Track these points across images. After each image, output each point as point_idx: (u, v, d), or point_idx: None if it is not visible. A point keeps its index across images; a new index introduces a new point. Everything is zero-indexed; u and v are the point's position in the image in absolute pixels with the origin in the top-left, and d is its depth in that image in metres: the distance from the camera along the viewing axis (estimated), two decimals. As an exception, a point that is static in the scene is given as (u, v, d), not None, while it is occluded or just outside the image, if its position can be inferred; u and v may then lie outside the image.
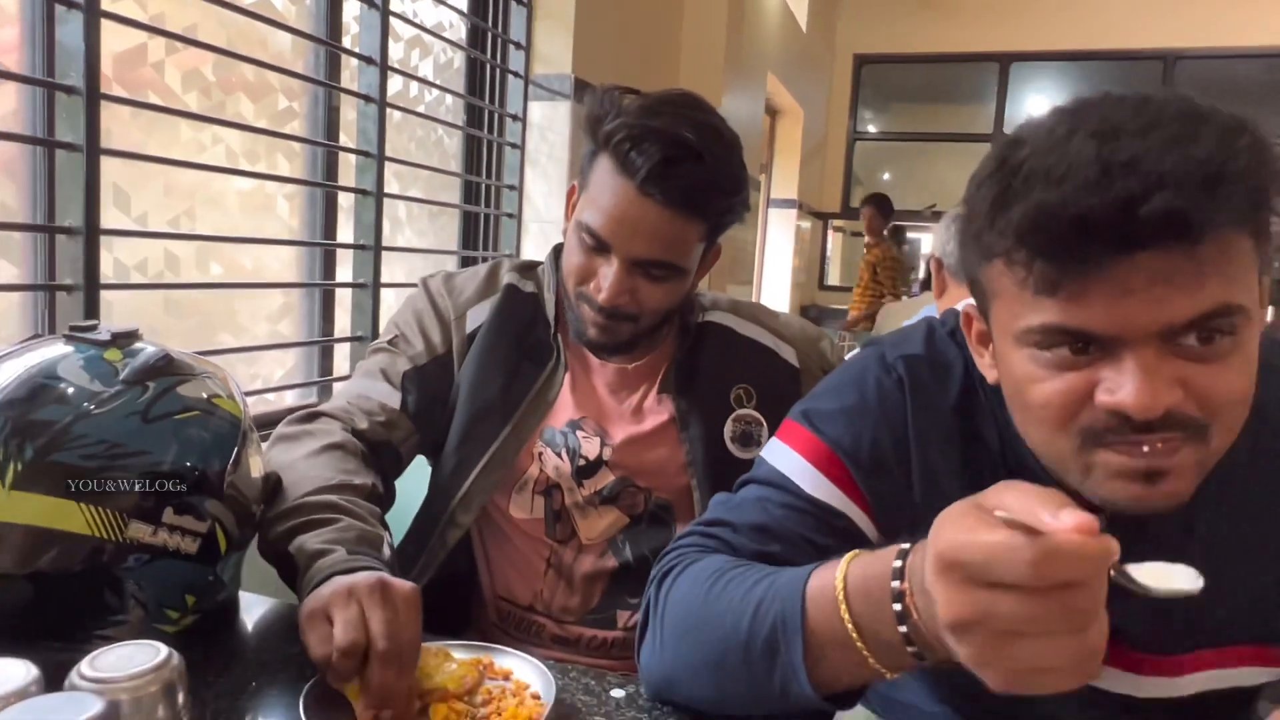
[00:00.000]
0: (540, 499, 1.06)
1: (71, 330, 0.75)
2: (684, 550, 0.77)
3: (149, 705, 0.48)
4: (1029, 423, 0.66)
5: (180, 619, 0.75)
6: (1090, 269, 0.56)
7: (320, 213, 1.79)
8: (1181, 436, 0.59)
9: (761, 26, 4.17)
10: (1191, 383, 0.57)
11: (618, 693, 0.75)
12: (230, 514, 0.77)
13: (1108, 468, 0.60)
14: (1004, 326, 0.64)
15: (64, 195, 1.20)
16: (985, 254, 0.63)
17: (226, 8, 1.44)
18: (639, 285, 0.96)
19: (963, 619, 0.47)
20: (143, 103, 1.34)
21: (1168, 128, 0.54)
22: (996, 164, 0.61)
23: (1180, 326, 0.56)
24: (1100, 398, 0.58)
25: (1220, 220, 0.54)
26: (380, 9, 1.81)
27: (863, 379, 0.79)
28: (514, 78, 2.45)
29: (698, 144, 0.91)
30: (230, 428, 0.78)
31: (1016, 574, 0.44)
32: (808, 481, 0.76)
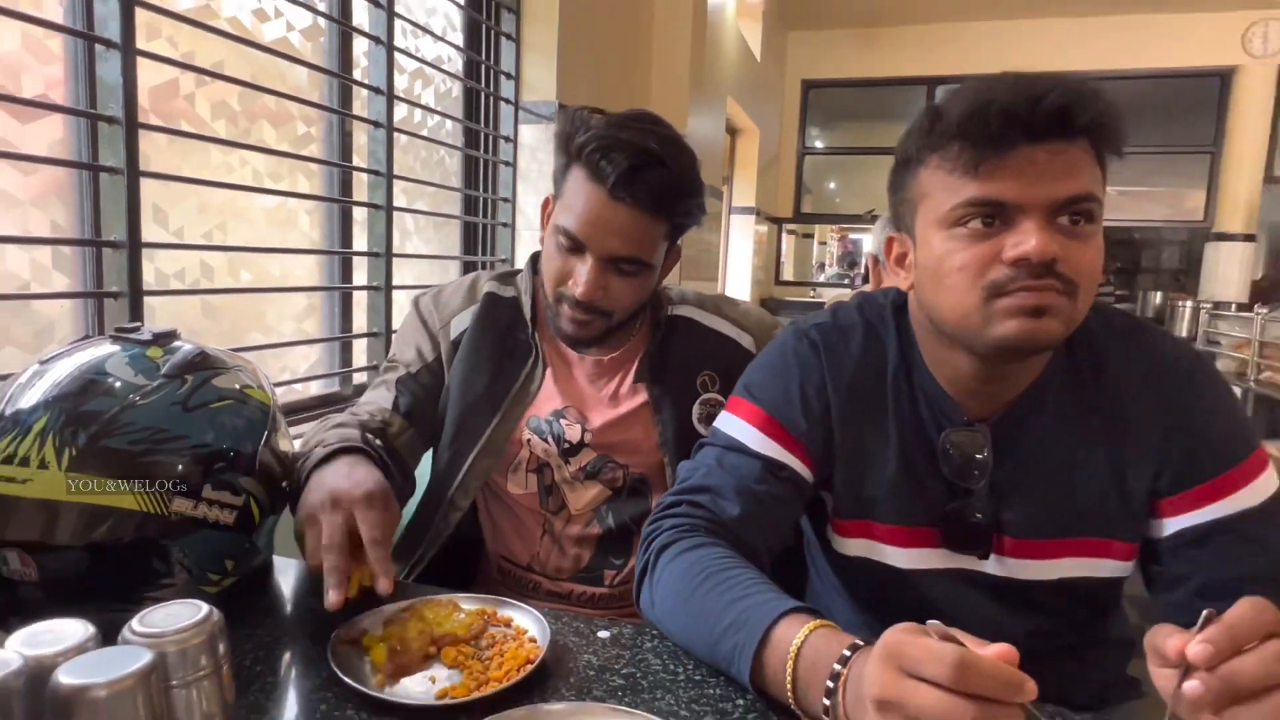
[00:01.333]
0: (533, 476, 1.06)
1: (117, 331, 0.75)
2: (678, 521, 0.80)
3: (193, 655, 0.48)
4: (945, 293, 0.73)
5: (220, 581, 0.75)
6: (1004, 152, 0.67)
7: (337, 225, 1.78)
8: (1060, 286, 0.68)
9: (721, 56, 4.15)
10: (1065, 250, 0.67)
11: (604, 634, 0.76)
12: (262, 489, 0.77)
13: (1006, 309, 0.69)
14: (930, 217, 0.73)
15: (108, 213, 1.19)
16: (918, 164, 0.73)
17: (250, 45, 1.42)
18: (611, 281, 0.96)
19: (887, 698, 0.49)
20: (177, 130, 1.33)
21: (1055, 77, 0.66)
22: (927, 115, 0.72)
23: (1062, 202, 0.67)
24: (1007, 253, 0.67)
25: (1088, 123, 0.66)
26: (386, 45, 1.79)
27: (785, 350, 0.87)
28: (505, 104, 2.44)
29: (661, 153, 0.92)
30: (260, 414, 0.78)
31: (937, 672, 0.47)
32: (755, 442, 0.83)
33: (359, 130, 1.80)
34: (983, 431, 0.78)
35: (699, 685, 0.67)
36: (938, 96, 5.02)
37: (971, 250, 0.69)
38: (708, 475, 0.82)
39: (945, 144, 0.69)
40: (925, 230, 0.74)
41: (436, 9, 2.16)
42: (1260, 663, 0.48)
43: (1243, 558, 0.74)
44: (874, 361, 0.84)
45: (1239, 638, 0.49)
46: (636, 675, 0.69)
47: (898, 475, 0.81)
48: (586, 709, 0.61)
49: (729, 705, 0.64)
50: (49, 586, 0.65)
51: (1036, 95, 0.64)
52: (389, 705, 0.62)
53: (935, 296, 0.74)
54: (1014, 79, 0.67)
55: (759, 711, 0.64)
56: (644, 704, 0.64)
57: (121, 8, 1.14)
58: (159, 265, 1.36)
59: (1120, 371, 0.78)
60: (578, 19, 2.56)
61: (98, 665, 0.43)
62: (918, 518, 0.82)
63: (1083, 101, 0.65)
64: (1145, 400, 0.77)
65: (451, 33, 2.24)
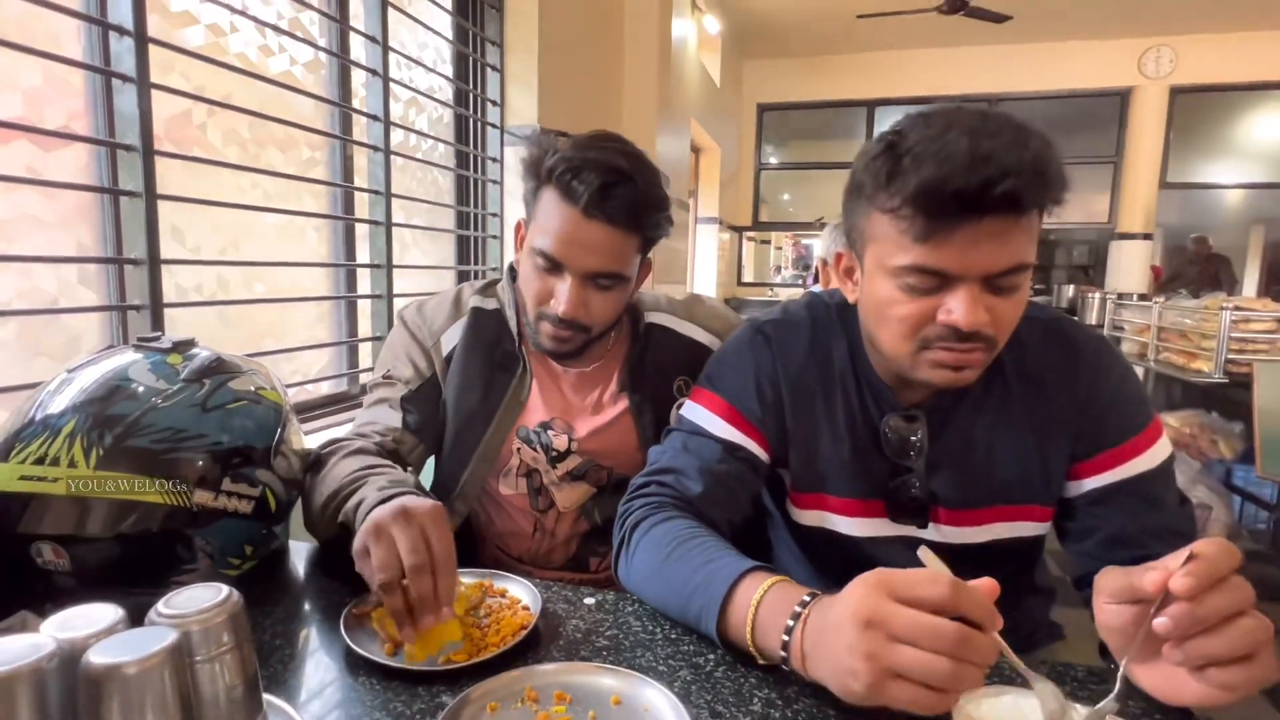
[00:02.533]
0: (523, 480, 1.02)
1: (139, 341, 0.73)
2: (648, 499, 0.80)
3: (215, 633, 0.47)
4: (884, 331, 0.73)
5: (241, 565, 0.74)
6: (951, 226, 0.63)
7: (342, 239, 1.75)
8: (982, 347, 0.68)
9: (685, 83, 4.15)
10: (993, 311, 0.67)
11: (589, 600, 0.76)
12: (278, 480, 0.76)
13: (932, 361, 0.70)
14: (878, 262, 0.71)
15: (129, 233, 1.16)
16: (872, 208, 0.69)
17: (256, 78, 1.39)
18: (591, 297, 0.91)
19: (874, 618, 0.49)
20: (191, 156, 1.30)
21: (1009, 134, 0.62)
22: (886, 148, 0.67)
23: (997, 273, 0.65)
24: (941, 317, 0.67)
25: (1034, 202, 0.63)
26: (382, 77, 1.76)
27: (741, 345, 0.88)
28: (492, 128, 2.42)
29: (629, 170, 0.87)
30: (274, 413, 0.77)
31: (931, 590, 0.48)
32: (716, 428, 0.83)
33: (359, 153, 1.77)
34: (919, 417, 0.79)
35: (675, 643, 0.67)
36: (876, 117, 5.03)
37: (911, 305, 0.68)
38: (674, 458, 0.82)
39: (898, 206, 0.65)
40: (872, 268, 0.72)
41: (428, 43, 2.13)
42: (1225, 595, 0.48)
43: (1141, 513, 0.76)
44: (821, 354, 0.84)
45: (1216, 572, 0.48)
46: (619, 636, 0.69)
47: (846, 455, 0.82)
48: (575, 667, 0.61)
49: (701, 659, 0.65)
50: (81, 575, 0.64)
51: (990, 179, 0.60)
52: (397, 671, 0.61)
53: (876, 329, 0.75)
54: (969, 154, 0.60)
55: (728, 664, 0.64)
56: (626, 661, 0.64)
57: (136, 45, 1.11)
58: (178, 279, 1.33)
59: (1039, 358, 0.79)
60: (555, 51, 2.54)
61: (127, 645, 0.41)
62: (865, 492, 0.83)
63: (1032, 187, 0.61)
64: (1061, 380, 0.79)
65: (442, 64, 2.21)
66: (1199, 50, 5.56)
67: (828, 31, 5.68)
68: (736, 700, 0.59)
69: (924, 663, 0.46)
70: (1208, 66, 5.57)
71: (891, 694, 0.47)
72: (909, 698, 0.47)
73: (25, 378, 0.99)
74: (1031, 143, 0.62)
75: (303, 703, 0.58)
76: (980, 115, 0.64)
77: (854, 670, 0.49)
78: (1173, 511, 0.76)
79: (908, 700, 0.47)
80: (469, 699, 0.56)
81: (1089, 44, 5.74)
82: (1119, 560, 0.75)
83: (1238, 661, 0.48)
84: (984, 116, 0.64)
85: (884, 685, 0.47)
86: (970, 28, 4.83)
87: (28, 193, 1.09)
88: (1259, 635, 0.48)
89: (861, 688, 0.48)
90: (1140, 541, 0.74)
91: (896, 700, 0.47)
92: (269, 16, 1.50)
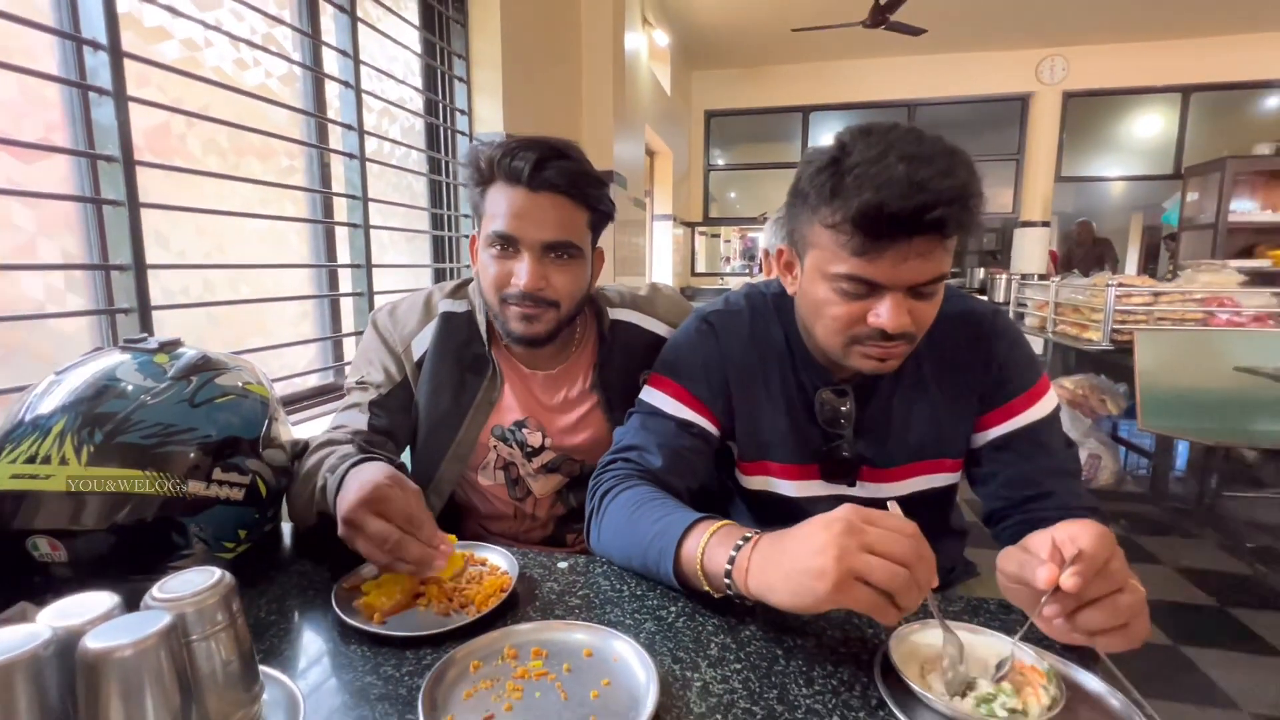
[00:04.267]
0: (501, 472, 0.99)
1: (126, 342, 0.70)
2: (615, 473, 0.80)
3: (209, 613, 0.46)
4: (820, 325, 0.74)
5: (235, 548, 0.71)
6: (885, 244, 0.65)
7: (322, 241, 1.69)
8: (904, 342, 0.71)
9: (638, 91, 4.10)
10: (914, 313, 0.69)
11: (562, 564, 0.76)
12: (267, 468, 0.73)
13: (861, 354, 0.72)
14: (817, 266, 0.72)
15: (114, 240, 1.10)
16: (815, 220, 0.70)
17: (231, 90, 1.32)
18: (550, 271, 0.86)
19: (846, 528, 0.51)
20: (171, 166, 1.23)
21: (940, 161, 0.63)
22: (830, 161, 0.67)
23: (922, 284, 0.67)
24: (871, 320, 0.69)
25: (958, 228, 0.64)
26: (354, 88, 1.70)
27: (689, 334, 0.89)
28: (461, 135, 2.35)
29: (563, 147, 0.85)
30: (260, 405, 0.74)
31: (900, 524, 0.51)
32: (671, 408, 0.85)
33: (336, 160, 1.71)
34: (847, 391, 0.81)
35: (640, 599, 0.68)
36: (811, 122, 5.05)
37: (844, 308, 0.70)
38: (635, 436, 0.83)
39: (839, 222, 0.66)
40: (811, 270, 0.73)
41: (397, 56, 2.06)
42: (1104, 582, 0.51)
43: (1036, 455, 0.80)
44: (760, 339, 0.85)
45: (1097, 565, 0.51)
46: (590, 595, 0.69)
47: (785, 426, 0.84)
48: (549, 625, 0.60)
49: (664, 612, 0.65)
50: (78, 565, 0.61)
51: (923, 206, 0.61)
52: (385, 638, 0.60)
53: (812, 323, 0.76)
54: (906, 180, 0.61)
55: (688, 614, 0.65)
56: (597, 618, 0.64)
57: (111, 60, 1.04)
58: (165, 283, 1.27)
59: (947, 332, 0.81)
60: (518, 63, 2.49)
61: (122, 629, 0.40)
62: (802, 457, 0.84)
63: (958, 215, 0.63)
64: (966, 347, 0.82)
65: (412, 77, 2.14)
66: (1088, 59, 5.72)
67: (766, 44, 5.68)
68: (696, 646, 0.59)
69: (888, 570, 0.49)
70: (1095, 73, 5.74)
71: (853, 594, 0.49)
72: (867, 601, 0.49)
73: (12, 382, 0.93)
74: (959, 171, 0.63)
75: (300, 672, 0.56)
76: (916, 138, 0.65)
77: (822, 569, 0.50)
78: (1061, 454, 0.80)
79: (867, 603, 0.49)
80: (453, 659, 0.55)
81: (993, 54, 5.85)
82: (1020, 497, 0.79)
83: (1117, 629, 0.52)
84: (919, 140, 0.64)
85: (848, 585, 0.49)
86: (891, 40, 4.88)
87: (8, 202, 1.02)
88: (1134, 608, 0.52)
89: (826, 586, 0.49)
90: (1035, 480, 0.78)
91: (857, 601, 0.49)
92: (243, 31, 1.42)
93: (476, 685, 0.53)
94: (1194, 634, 1.94)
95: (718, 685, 0.54)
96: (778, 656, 0.58)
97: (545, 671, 0.55)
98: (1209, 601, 2.14)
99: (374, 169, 1.85)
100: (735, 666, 0.57)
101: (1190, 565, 2.40)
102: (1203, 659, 1.81)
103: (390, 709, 0.51)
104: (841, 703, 0.52)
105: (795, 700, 0.52)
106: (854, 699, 0.53)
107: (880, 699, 0.52)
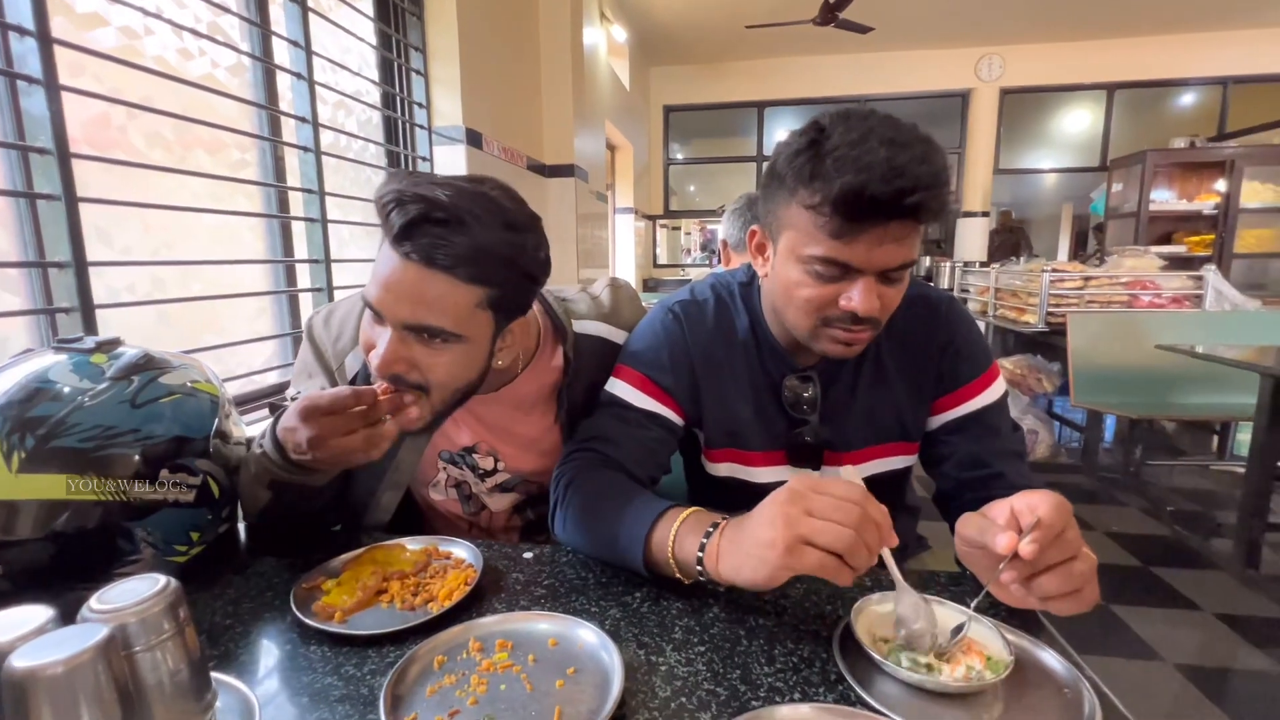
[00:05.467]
0: (453, 489, 0.91)
1: (59, 342, 0.64)
2: (579, 462, 0.78)
3: (154, 622, 0.42)
4: (790, 308, 0.73)
5: (188, 551, 0.67)
6: (863, 227, 0.64)
7: (278, 236, 1.62)
8: (871, 327, 0.70)
9: (598, 86, 4.05)
10: (883, 298, 0.68)
11: (528, 554, 0.74)
12: (219, 467, 0.69)
13: (829, 337, 0.71)
14: (791, 248, 0.70)
15: (51, 236, 1.02)
16: (792, 200, 0.68)
17: (174, 80, 1.24)
18: (416, 353, 0.67)
19: (791, 496, 0.52)
20: (110, 159, 1.14)
21: (917, 147, 0.62)
22: (809, 144, 0.66)
23: (893, 268, 0.67)
24: (843, 303, 0.68)
25: (934, 214, 0.64)
26: (307, 79, 1.62)
27: (654, 324, 0.86)
28: (420, 129, 2.28)
29: (454, 205, 0.63)
30: (209, 404, 0.70)
31: (844, 489, 0.52)
32: (635, 399, 0.82)
33: (290, 153, 1.63)
34: (812, 377, 0.81)
35: (605, 586, 0.67)
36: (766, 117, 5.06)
37: (816, 290, 0.69)
38: (599, 427, 0.81)
39: (818, 204, 0.64)
40: (785, 252, 0.71)
41: (352, 48, 1.98)
42: (1059, 549, 0.52)
43: (986, 438, 0.81)
44: (725, 328, 0.84)
45: (1053, 533, 0.52)
46: (555, 585, 0.67)
47: (751, 413, 0.83)
48: (514, 617, 0.59)
49: (629, 598, 0.64)
50: (15, 577, 0.56)
51: (902, 190, 0.60)
52: (346, 637, 0.57)
53: (783, 306, 0.74)
54: (886, 165, 0.60)
55: (653, 599, 0.64)
56: (562, 606, 0.62)
57: (40, 46, 0.97)
58: (111, 281, 1.19)
59: (905, 320, 0.81)
60: (476, 56, 2.42)
61: (53, 645, 0.36)
62: (769, 443, 0.84)
63: (934, 201, 0.62)
64: (923, 334, 0.82)
65: (368, 69, 2.06)
66: (1022, 58, 5.89)
67: (722, 40, 5.67)
68: (660, 630, 0.59)
69: (832, 532, 0.50)
70: (1029, 71, 5.91)
71: (803, 558, 0.50)
72: (817, 562, 0.50)
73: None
74: (935, 158, 0.63)
75: (257, 677, 0.53)
76: (894, 125, 0.63)
77: (772, 540, 0.51)
78: (1009, 436, 0.82)
79: (816, 564, 0.50)
80: (416, 656, 0.53)
81: (935, 52, 5.97)
82: (970, 477, 0.80)
83: (1070, 594, 0.52)
84: (897, 126, 0.63)
85: (797, 550, 0.50)
86: (840, 38, 4.92)
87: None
88: (1086, 574, 0.53)
89: (777, 554, 0.50)
90: (985, 461, 0.79)
91: (806, 564, 0.50)
92: (186, 20, 1.34)
93: (440, 681, 0.51)
94: (1122, 594, 2.03)
95: (682, 668, 0.53)
96: (740, 637, 0.58)
97: (511, 663, 0.53)
98: (1135, 563, 2.25)
99: (331, 162, 1.78)
100: (699, 649, 0.56)
101: (1119, 530, 2.51)
102: (1131, 616, 1.91)
103: (351, 710, 0.49)
104: (802, 679, 0.52)
105: (757, 679, 0.52)
106: (814, 675, 0.53)
107: (839, 673, 0.52)
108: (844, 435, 0.83)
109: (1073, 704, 0.48)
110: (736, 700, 0.50)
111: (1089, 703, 0.48)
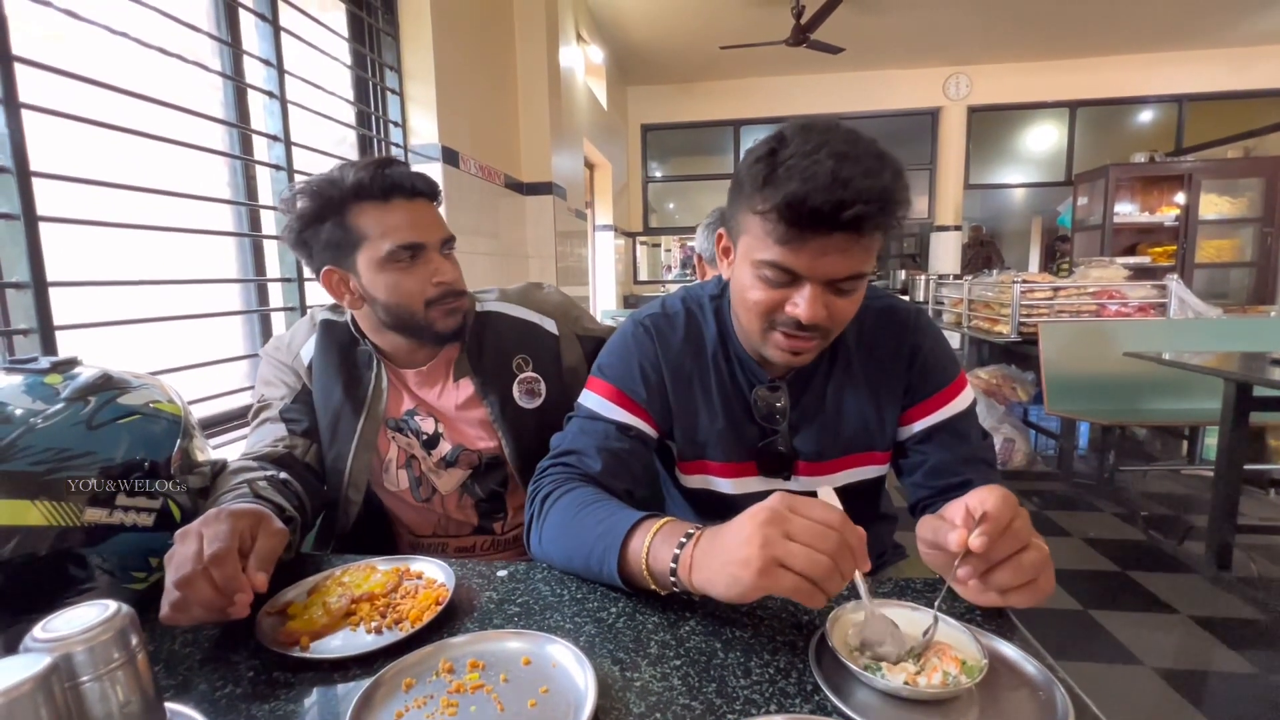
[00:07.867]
0: (404, 472, 0.97)
1: (11, 363, 0.63)
2: (555, 477, 0.78)
3: (103, 651, 0.41)
4: (743, 309, 0.75)
5: (147, 578, 0.65)
6: (807, 236, 0.65)
7: (250, 255, 1.59)
8: (817, 337, 0.71)
9: (575, 106, 4.08)
10: (831, 308, 0.69)
11: (502, 572, 0.73)
12: (181, 490, 0.67)
13: (776, 343, 0.73)
14: (745, 252, 0.72)
15: (8, 257, 1.00)
16: (747, 206, 0.70)
17: (142, 100, 1.23)
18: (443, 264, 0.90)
19: (769, 517, 0.51)
20: (74, 178, 1.12)
21: (867, 161, 0.62)
22: (767, 152, 0.67)
23: (839, 279, 0.67)
24: (788, 309, 0.69)
25: (876, 226, 0.64)
26: (280, 99, 1.62)
27: (626, 337, 0.87)
28: (396, 148, 2.27)
29: (391, 158, 0.89)
30: (171, 424, 0.68)
31: (823, 513, 0.51)
32: (608, 411, 0.82)
33: (263, 172, 1.62)
34: (781, 387, 0.81)
35: (580, 602, 0.65)
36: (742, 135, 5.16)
37: (765, 294, 0.70)
38: (573, 441, 0.80)
39: (767, 211, 0.66)
40: (741, 256, 0.73)
41: (326, 67, 1.97)
42: (1009, 541, 0.53)
43: (955, 446, 0.81)
44: (695, 340, 0.84)
45: (1001, 526, 0.52)
46: (530, 602, 0.66)
47: (722, 424, 0.83)
48: (485, 636, 0.57)
49: (604, 613, 0.63)
50: (-41, 608, 0.54)
51: (842, 202, 0.61)
52: (311, 662, 0.55)
53: (737, 308, 0.77)
54: (831, 176, 0.61)
55: (628, 615, 0.63)
56: (536, 624, 0.61)
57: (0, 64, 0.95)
58: (74, 302, 1.16)
59: (874, 332, 0.83)
60: (451, 76, 2.43)
61: (-10, 678, 0.35)
62: (739, 455, 0.84)
63: (876, 213, 0.62)
64: (892, 346, 0.83)
65: (343, 88, 2.06)
66: (989, 77, 6.08)
67: (697, 61, 5.77)
68: (636, 646, 0.58)
69: (808, 557, 0.49)
70: (995, 90, 6.10)
71: (777, 580, 0.49)
72: (791, 585, 0.49)
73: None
74: (885, 173, 0.63)
75: (218, 707, 0.51)
76: (851, 139, 0.64)
77: (747, 559, 0.50)
78: (978, 444, 0.83)
79: (790, 587, 0.49)
80: (383, 679, 0.51)
81: (905, 72, 6.15)
82: (941, 485, 0.80)
83: (1025, 585, 0.53)
84: (854, 141, 0.64)
85: (772, 571, 0.49)
86: (812, 58, 5.04)
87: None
88: (1038, 564, 0.53)
89: (751, 574, 0.50)
90: (955, 470, 0.80)
91: (780, 586, 0.49)
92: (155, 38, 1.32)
93: (408, 704, 0.49)
94: (1100, 599, 2.05)
95: (657, 684, 0.52)
96: (716, 650, 0.57)
97: (481, 684, 0.52)
98: (1112, 568, 2.27)
99: (304, 181, 1.76)
100: (675, 663, 0.55)
101: (1095, 535, 2.55)
102: (1109, 621, 1.92)
103: (314, 737, 0.47)
104: (778, 690, 0.51)
105: (734, 692, 0.51)
106: (790, 686, 0.52)
107: (815, 684, 0.51)
108: (815, 445, 0.83)
109: (1046, 705, 0.48)
110: (712, 714, 0.49)
111: (1061, 703, 0.48)
